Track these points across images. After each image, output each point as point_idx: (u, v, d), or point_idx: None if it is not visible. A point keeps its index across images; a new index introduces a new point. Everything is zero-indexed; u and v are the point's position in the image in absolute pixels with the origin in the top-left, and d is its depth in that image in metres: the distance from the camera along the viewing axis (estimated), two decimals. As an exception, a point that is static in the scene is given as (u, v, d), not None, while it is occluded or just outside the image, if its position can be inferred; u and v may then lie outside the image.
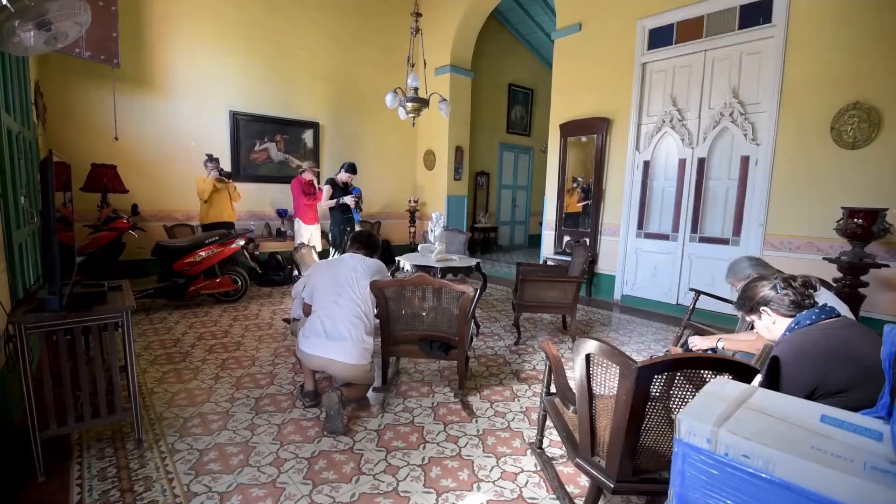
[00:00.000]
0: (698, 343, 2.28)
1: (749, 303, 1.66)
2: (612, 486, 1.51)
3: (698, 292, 3.39)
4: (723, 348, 2.20)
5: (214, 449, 2.23)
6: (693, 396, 1.37)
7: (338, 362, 2.51)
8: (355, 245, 2.89)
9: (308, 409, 2.65)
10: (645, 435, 1.48)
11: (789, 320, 1.56)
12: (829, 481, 0.79)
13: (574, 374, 1.64)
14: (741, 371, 1.39)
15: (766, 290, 1.61)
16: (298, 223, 6.08)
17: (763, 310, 1.62)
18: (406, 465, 2.14)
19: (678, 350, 2.78)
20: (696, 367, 1.41)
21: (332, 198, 5.43)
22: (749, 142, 4.45)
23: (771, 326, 1.62)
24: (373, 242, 2.94)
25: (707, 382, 1.32)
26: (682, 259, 5.04)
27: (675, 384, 1.44)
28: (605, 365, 1.51)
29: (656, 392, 1.42)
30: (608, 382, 1.50)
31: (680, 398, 1.45)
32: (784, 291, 1.57)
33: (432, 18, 7.64)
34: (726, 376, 1.34)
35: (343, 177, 5.59)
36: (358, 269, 2.70)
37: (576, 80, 5.95)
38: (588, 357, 1.55)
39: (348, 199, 5.44)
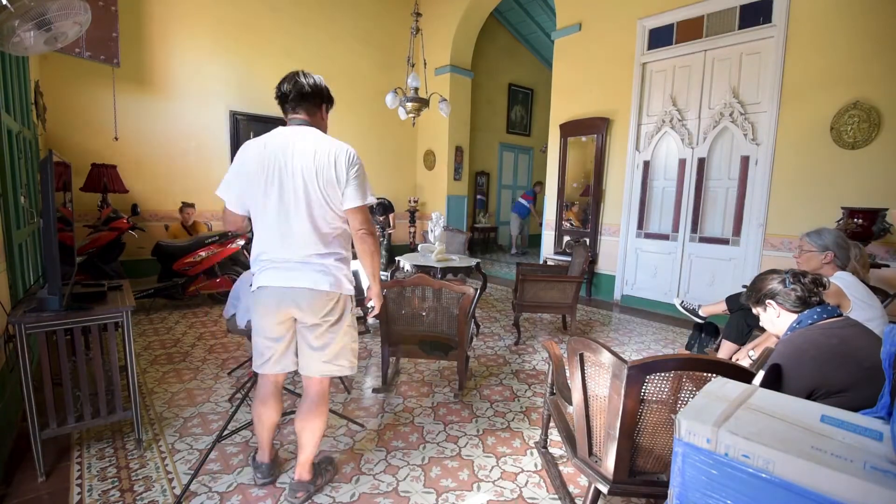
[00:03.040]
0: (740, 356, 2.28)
1: (756, 294, 1.68)
2: (608, 486, 1.51)
3: (687, 310, 3.32)
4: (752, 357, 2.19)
5: (214, 449, 2.23)
6: (691, 397, 1.37)
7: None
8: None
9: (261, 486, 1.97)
10: (641, 436, 1.47)
11: (794, 316, 1.57)
12: (829, 481, 0.79)
13: (570, 374, 1.64)
14: (737, 374, 1.38)
15: (774, 284, 1.62)
16: None
17: (769, 302, 1.63)
18: (406, 465, 2.14)
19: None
20: (689, 369, 1.41)
21: None
22: (749, 142, 4.45)
23: (775, 320, 1.63)
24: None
25: (705, 383, 1.31)
26: (682, 259, 5.04)
27: (671, 385, 1.44)
28: (597, 364, 1.51)
29: (650, 392, 1.42)
30: (602, 382, 1.50)
31: (678, 400, 1.44)
32: (792, 286, 1.57)
33: (432, 18, 7.64)
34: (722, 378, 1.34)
35: None
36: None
37: (576, 80, 5.95)
38: (582, 356, 1.55)
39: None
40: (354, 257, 1.84)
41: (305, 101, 1.75)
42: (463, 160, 8.11)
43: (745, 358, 2.23)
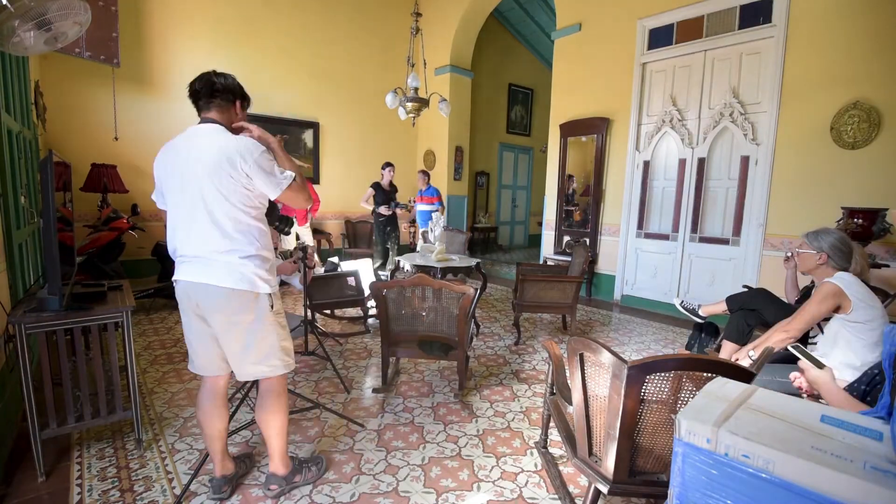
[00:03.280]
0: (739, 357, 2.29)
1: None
2: (608, 486, 1.51)
3: (687, 310, 3.32)
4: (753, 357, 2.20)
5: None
6: (691, 397, 1.37)
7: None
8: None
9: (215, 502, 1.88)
10: (641, 435, 1.47)
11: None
12: (829, 481, 0.79)
13: (569, 374, 1.64)
14: (737, 374, 1.38)
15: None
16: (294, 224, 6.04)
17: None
18: (406, 465, 2.14)
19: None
20: (689, 369, 1.41)
21: (376, 201, 5.76)
22: (749, 142, 4.45)
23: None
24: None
25: (705, 383, 1.31)
26: (682, 259, 5.04)
27: (671, 385, 1.44)
28: (597, 364, 1.51)
29: (650, 392, 1.42)
30: (602, 382, 1.50)
31: (678, 400, 1.44)
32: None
33: (432, 18, 7.64)
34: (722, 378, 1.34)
35: (387, 176, 5.90)
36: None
37: (576, 79, 5.95)
38: (582, 356, 1.55)
39: (382, 209, 5.76)
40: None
41: (218, 96, 1.76)
42: (463, 160, 8.12)
43: (745, 358, 2.23)
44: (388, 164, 6.04)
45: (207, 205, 1.63)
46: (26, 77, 3.33)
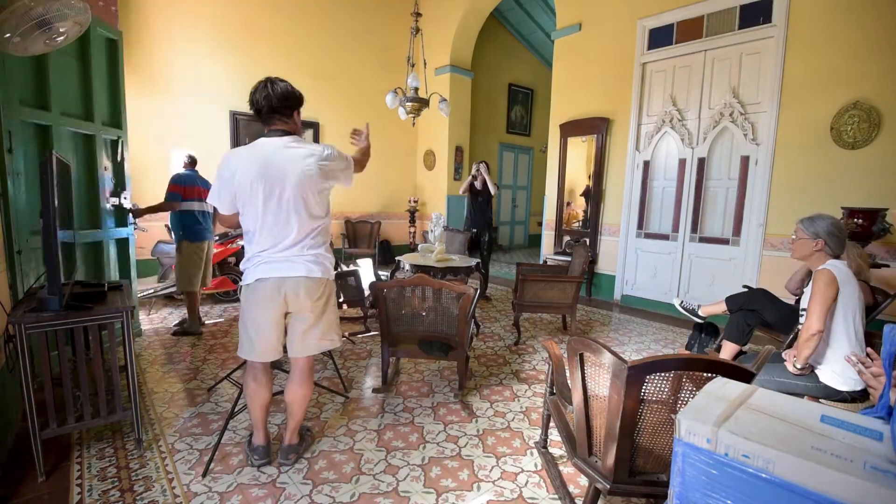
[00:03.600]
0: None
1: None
2: (608, 486, 1.51)
3: (687, 310, 3.31)
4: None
5: (216, 450, 2.23)
6: (691, 397, 1.37)
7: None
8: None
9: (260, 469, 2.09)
10: (641, 435, 1.47)
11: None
12: (829, 481, 0.79)
13: (570, 374, 1.64)
14: (737, 374, 1.38)
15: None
16: None
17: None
18: (406, 465, 2.14)
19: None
20: (689, 369, 1.41)
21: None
22: (749, 142, 4.45)
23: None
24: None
25: (705, 383, 1.31)
26: (682, 259, 5.04)
27: (671, 385, 1.44)
28: (597, 364, 1.51)
29: (650, 392, 1.42)
30: (602, 382, 1.50)
31: (678, 400, 1.44)
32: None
33: (432, 18, 7.64)
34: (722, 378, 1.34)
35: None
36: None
37: (576, 80, 5.95)
38: (582, 356, 1.55)
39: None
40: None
41: (278, 112, 1.91)
42: (463, 160, 8.11)
43: (791, 367, 2.16)
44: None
45: (301, 209, 1.89)
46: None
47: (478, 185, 5.41)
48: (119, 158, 3.55)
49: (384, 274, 5.79)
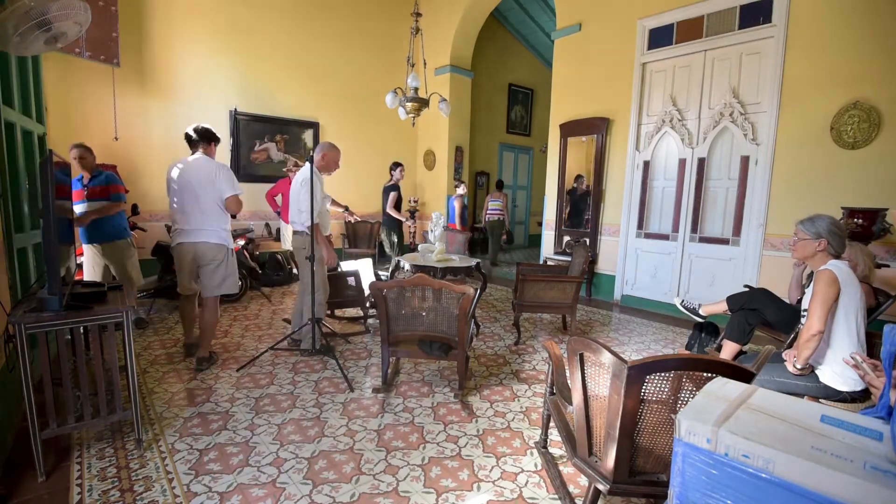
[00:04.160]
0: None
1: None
2: (608, 486, 1.51)
3: (688, 309, 3.31)
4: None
5: (214, 449, 2.23)
6: (691, 397, 1.37)
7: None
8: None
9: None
10: (641, 435, 1.47)
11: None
12: (829, 481, 0.79)
13: (570, 374, 1.64)
14: (737, 374, 1.38)
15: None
16: (286, 227, 5.84)
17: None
18: (406, 465, 2.14)
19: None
20: (689, 369, 1.41)
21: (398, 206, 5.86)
22: (749, 142, 4.45)
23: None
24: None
25: (705, 383, 1.31)
26: (682, 259, 5.04)
27: (671, 385, 1.44)
28: (597, 364, 1.51)
29: (650, 392, 1.42)
30: (602, 382, 1.50)
31: (678, 400, 1.44)
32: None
33: (432, 18, 7.64)
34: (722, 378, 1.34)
35: (397, 176, 5.96)
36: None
37: (576, 79, 5.95)
38: (582, 356, 1.55)
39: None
40: None
41: (200, 142, 3.18)
42: (463, 160, 8.11)
43: (792, 367, 2.16)
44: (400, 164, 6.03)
45: (201, 200, 3.16)
46: (38, 75, 3.30)
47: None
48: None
49: (384, 274, 5.79)
